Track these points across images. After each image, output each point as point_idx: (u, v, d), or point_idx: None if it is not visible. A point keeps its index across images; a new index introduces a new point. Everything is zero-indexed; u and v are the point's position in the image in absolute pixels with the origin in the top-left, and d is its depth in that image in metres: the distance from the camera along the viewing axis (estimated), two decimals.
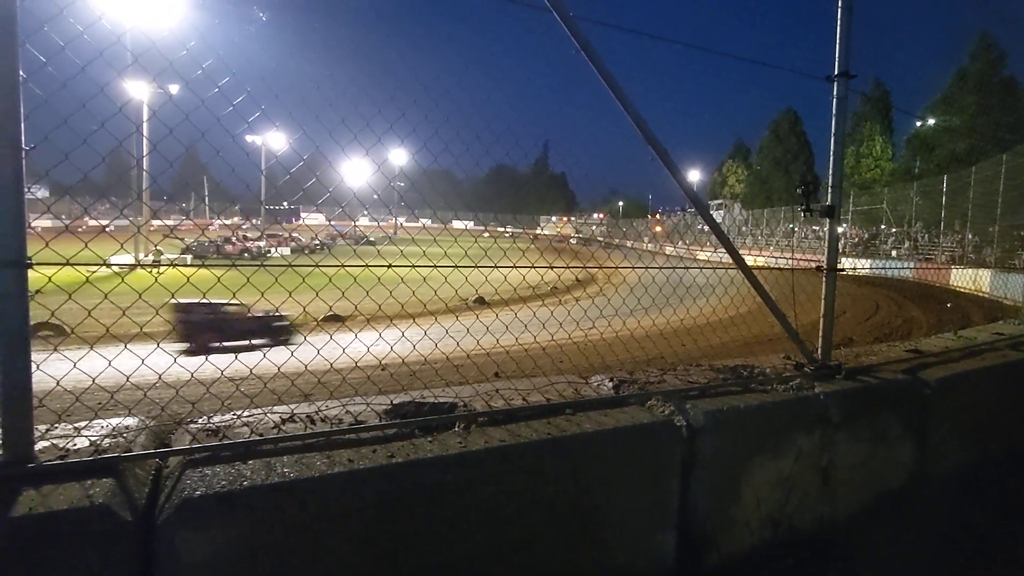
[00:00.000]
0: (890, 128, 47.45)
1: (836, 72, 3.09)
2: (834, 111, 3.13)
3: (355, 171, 3.06)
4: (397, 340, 3.12)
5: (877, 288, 21.48)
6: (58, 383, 1.76)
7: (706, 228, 2.92)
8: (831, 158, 3.15)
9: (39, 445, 1.63)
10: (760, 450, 2.58)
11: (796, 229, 44.30)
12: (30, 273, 1.60)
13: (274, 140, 2.79)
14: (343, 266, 2.50)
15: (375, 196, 3.06)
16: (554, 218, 69.84)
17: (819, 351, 3.06)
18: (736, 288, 3.65)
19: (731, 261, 2.96)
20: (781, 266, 3.54)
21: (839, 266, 3.13)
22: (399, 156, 3.14)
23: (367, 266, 2.42)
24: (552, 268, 3.29)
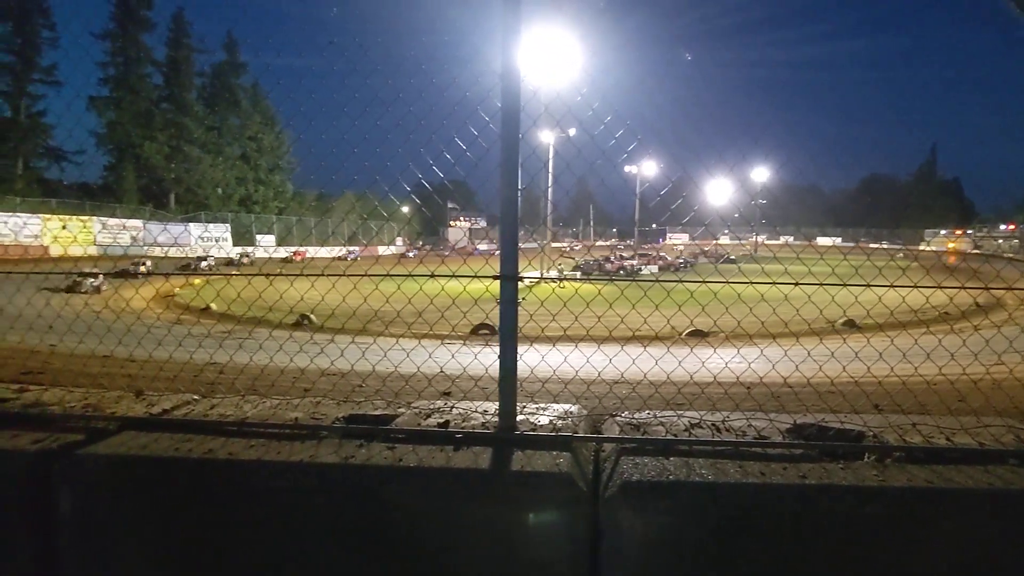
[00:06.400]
0: None
1: None
2: None
3: (718, 191, 3.15)
4: (755, 358, 3.08)
5: None
6: (532, 371, 2.25)
7: None
8: None
9: (518, 417, 2.10)
10: None
11: None
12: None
13: (647, 168, 3.07)
14: (699, 281, 2.60)
15: (736, 215, 3.11)
16: (943, 231, 56.20)
17: None
18: None
19: None
20: None
21: None
22: (761, 174, 3.13)
23: (722, 282, 2.47)
24: (942, 288, 2.85)
